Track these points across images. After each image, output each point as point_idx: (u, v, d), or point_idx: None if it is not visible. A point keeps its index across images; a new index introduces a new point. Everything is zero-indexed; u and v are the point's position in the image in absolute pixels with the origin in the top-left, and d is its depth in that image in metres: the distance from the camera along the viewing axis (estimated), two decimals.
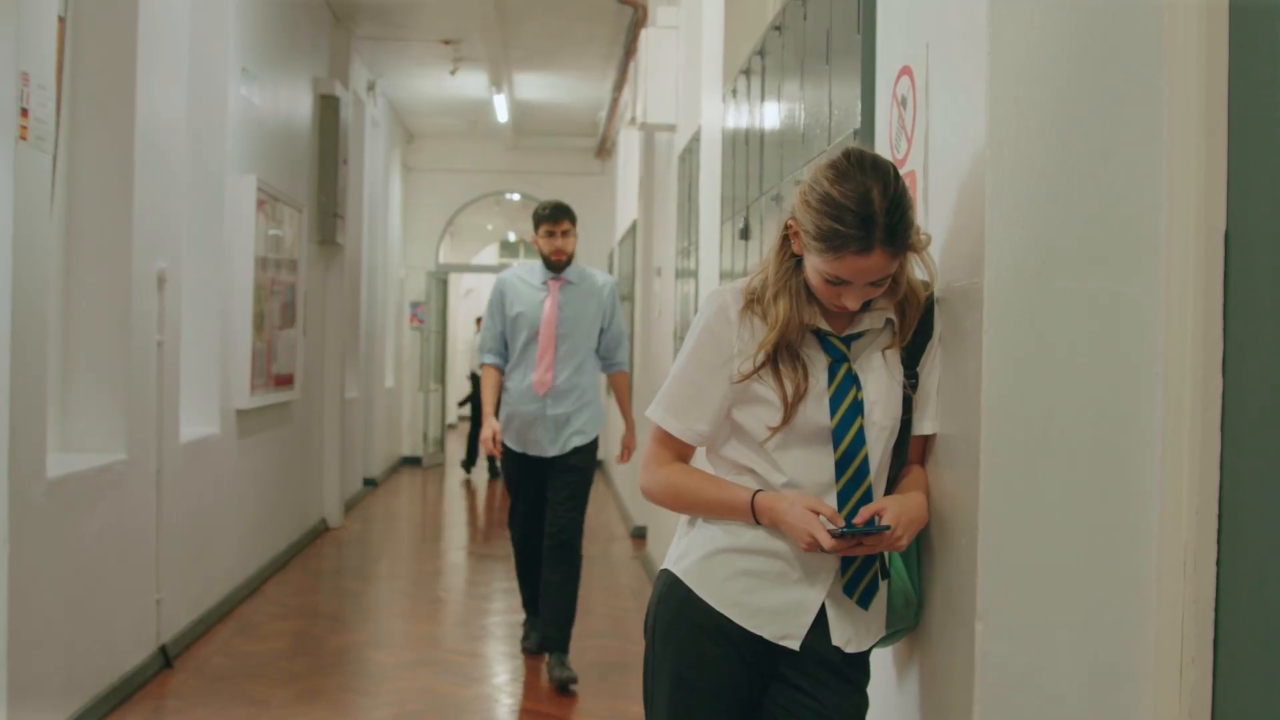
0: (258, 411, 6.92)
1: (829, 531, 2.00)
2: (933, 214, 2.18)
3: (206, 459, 6.00)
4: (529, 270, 5.40)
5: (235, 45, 6.36)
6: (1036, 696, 1.92)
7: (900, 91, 2.34)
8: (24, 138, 3.71)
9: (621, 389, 5.63)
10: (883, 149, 2.47)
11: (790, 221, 2.07)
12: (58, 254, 4.57)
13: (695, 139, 5.92)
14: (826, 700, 2.12)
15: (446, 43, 9.87)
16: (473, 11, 8.87)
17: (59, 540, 4.14)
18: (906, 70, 2.30)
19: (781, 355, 2.08)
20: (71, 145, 4.65)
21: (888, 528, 2.02)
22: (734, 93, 4.69)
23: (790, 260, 2.10)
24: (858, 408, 2.07)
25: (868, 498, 2.08)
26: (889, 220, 1.94)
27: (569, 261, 5.32)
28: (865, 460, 2.08)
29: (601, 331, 5.37)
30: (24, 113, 3.70)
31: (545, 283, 5.31)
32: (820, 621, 2.12)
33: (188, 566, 5.61)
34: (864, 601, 2.12)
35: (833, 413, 2.07)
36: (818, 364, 2.09)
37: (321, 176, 8.61)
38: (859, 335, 2.11)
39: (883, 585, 2.15)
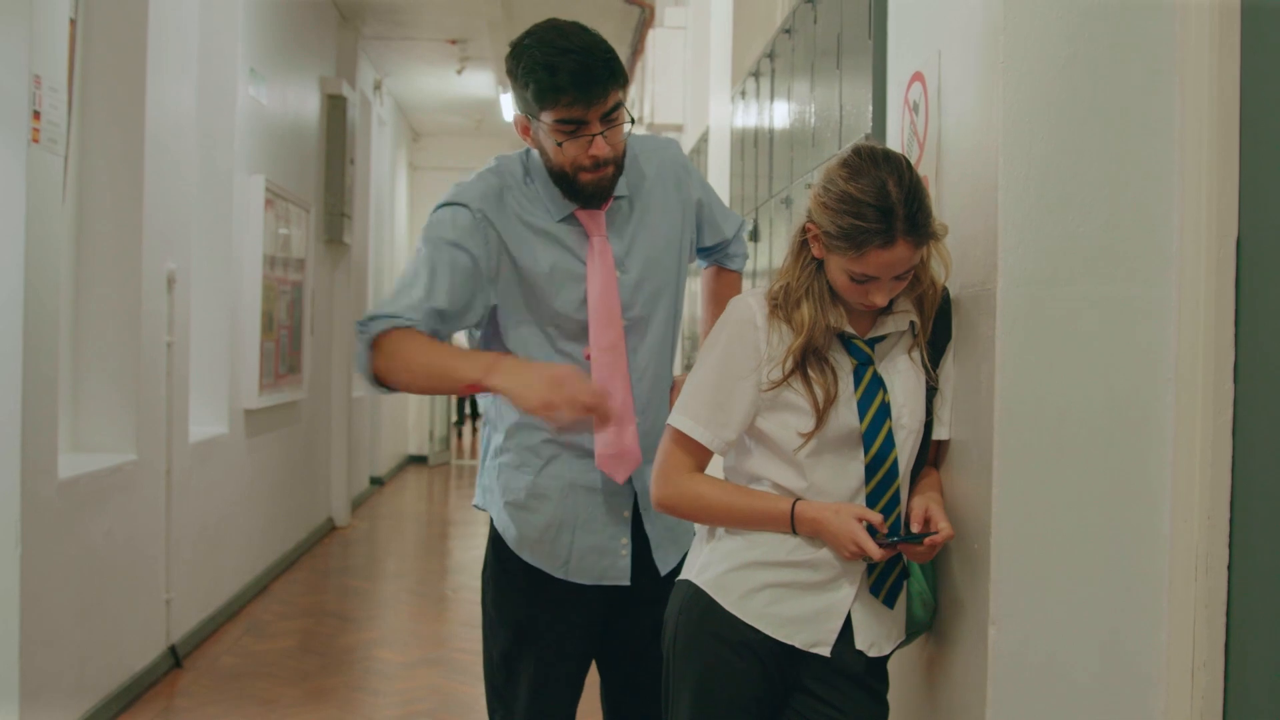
0: (266, 411, 6.94)
1: (877, 541, 1.99)
2: (946, 219, 2.19)
3: (215, 459, 6.02)
4: (521, 182, 2.42)
5: (244, 46, 6.37)
6: (1050, 700, 1.93)
7: (912, 97, 2.35)
8: (36, 140, 3.72)
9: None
10: None
11: (808, 225, 2.05)
12: (69, 255, 4.59)
13: (703, 139, 5.92)
14: (849, 711, 2.12)
15: (453, 42, 9.88)
16: (479, 11, 8.88)
17: (70, 541, 4.15)
18: (919, 76, 2.31)
19: (809, 360, 2.06)
20: (82, 147, 4.66)
21: (934, 533, 2.01)
22: (743, 94, 4.70)
23: (811, 264, 2.07)
24: (886, 410, 2.06)
25: (895, 500, 2.08)
26: (908, 210, 1.93)
27: (618, 174, 2.37)
28: (895, 463, 2.07)
29: (692, 246, 2.57)
30: (36, 115, 3.72)
31: (570, 218, 2.38)
32: (846, 625, 2.12)
33: (197, 566, 5.63)
34: (890, 600, 2.11)
35: (861, 416, 2.06)
36: (844, 368, 2.08)
37: (329, 176, 8.62)
38: (883, 338, 2.11)
39: (905, 583, 2.15)
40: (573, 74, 2.22)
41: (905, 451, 2.10)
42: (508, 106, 11.56)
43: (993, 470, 1.95)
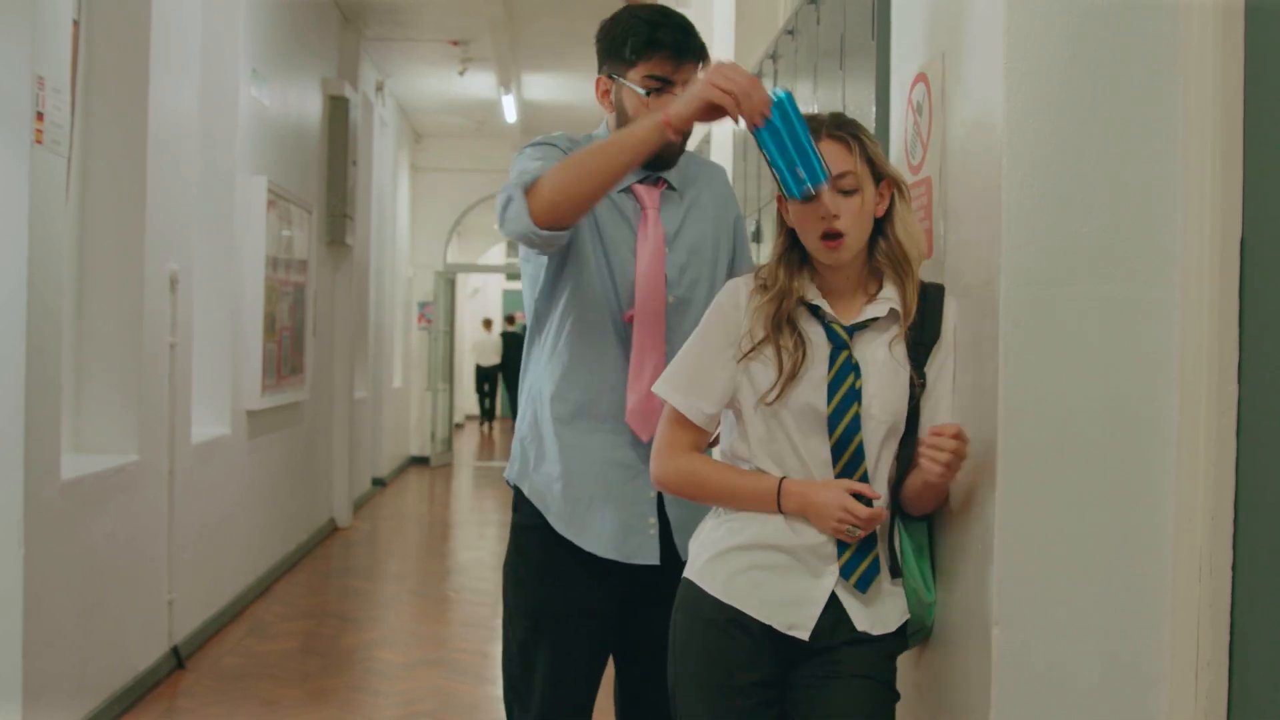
0: (268, 412, 6.94)
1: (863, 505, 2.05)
2: (950, 220, 2.19)
3: (217, 460, 6.02)
4: None
5: (245, 47, 6.38)
6: (1053, 701, 1.93)
7: (915, 98, 2.35)
8: (39, 141, 3.72)
9: None
10: (898, 154, 2.49)
11: (778, 194, 2.14)
12: (71, 256, 4.59)
13: (705, 140, 5.93)
14: (839, 691, 2.13)
15: (455, 43, 9.88)
16: (481, 12, 8.88)
17: (72, 541, 4.15)
18: (922, 77, 2.31)
19: (783, 331, 2.12)
20: (85, 148, 4.67)
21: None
22: None
23: (787, 234, 2.17)
24: (854, 395, 2.09)
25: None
26: (834, 119, 2.13)
27: (682, 148, 2.56)
28: (860, 447, 2.10)
29: (729, 261, 2.68)
30: (39, 116, 3.72)
31: (628, 190, 2.56)
32: (838, 611, 2.13)
33: (199, 567, 5.63)
34: (862, 585, 2.12)
35: (829, 398, 2.10)
36: (820, 350, 2.13)
37: (331, 177, 8.63)
38: (864, 327, 2.13)
39: (885, 571, 2.16)
40: (674, 33, 2.47)
41: (874, 441, 2.12)
42: (509, 108, 11.56)
43: (996, 470, 1.95)
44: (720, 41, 5.50)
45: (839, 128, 2.11)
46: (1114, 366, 1.89)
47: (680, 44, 2.47)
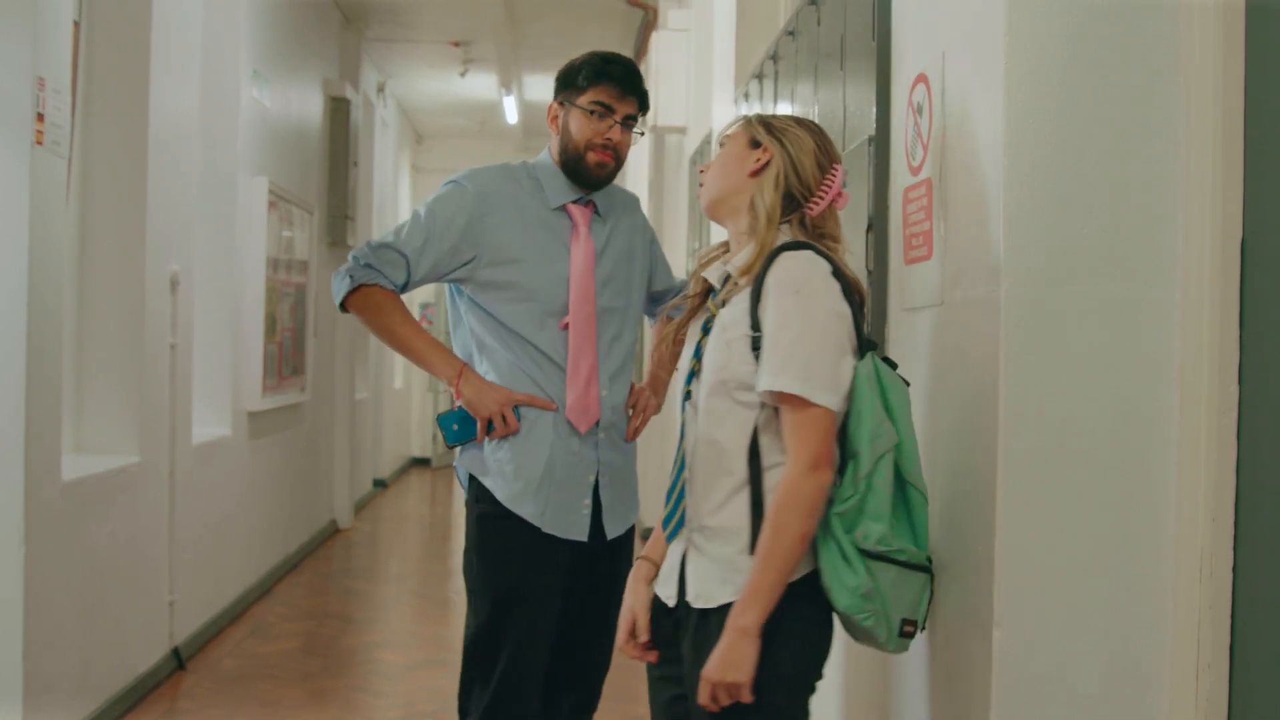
0: (269, 413, 6.94)
1: None
2: (950, 220, 2.19)
3: (218, 461, 6.02)
4: (524, 177, 2.94)
5: (246, 48, 6.38)
6: (1053, 702, 1.93)
7: (916, 99, 2.35)
8: (40, 142, 3.72)
9: None
10: (898, 156, 2.48)
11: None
12: (72, 257, 4.59)
13: (706, 141, 5.93)
14: (686, 661, 2.20)
15: (456, 44, 9.89)
16: (482, 13, 8.89)
17: (73, 542, 4.15)
18: (922, 78, 2.31)
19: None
20: (85, 148, 4.67)
21: None
22: (746, 96, 4.70)
23: None
24: (696, 352, 2.22)
25: (681, 437, 2.24)
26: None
27: (615, 171, 2.92)
28: (683, 397, 2.23)
29: (649, 279, 3.06)
30: (40, 117, 3.72)
31: (564, 208, 2.90)
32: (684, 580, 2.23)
33: (200, 568, 5.63)
34: (670, 537, 2.24)
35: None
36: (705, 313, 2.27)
37: (332, 178, 8.63)
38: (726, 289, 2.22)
39: (708, 537, 2.18)
40: (623, 69, 2.86)
41: (701, 395, 2.18)
42: (510, 109, 11.56)
43: (997, 472, 1.95)
44: (721, 42, 5.50)
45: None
46: (1114, 367, 1.89)
47: (625, 79, 2.84)
